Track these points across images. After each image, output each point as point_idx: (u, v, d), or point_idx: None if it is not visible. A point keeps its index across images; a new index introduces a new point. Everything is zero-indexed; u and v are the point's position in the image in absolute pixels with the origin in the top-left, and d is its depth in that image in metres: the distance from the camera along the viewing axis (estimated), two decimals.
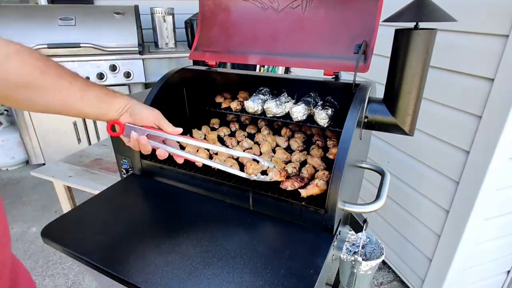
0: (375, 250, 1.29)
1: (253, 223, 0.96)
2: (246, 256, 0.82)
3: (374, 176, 1.19)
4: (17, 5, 2.81)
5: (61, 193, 1.97)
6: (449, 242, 1.50)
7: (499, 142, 1.22)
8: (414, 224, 1.73)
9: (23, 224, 2.43)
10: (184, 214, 1.00)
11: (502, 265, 1.70)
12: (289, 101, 1.23)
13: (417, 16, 0.78)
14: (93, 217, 1.00)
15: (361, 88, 0.99)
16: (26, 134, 2.95)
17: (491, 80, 1.23)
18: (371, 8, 1.00)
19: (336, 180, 0.85)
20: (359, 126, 0.94)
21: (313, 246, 0.86)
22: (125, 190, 1.15)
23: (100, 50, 2.73)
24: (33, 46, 2.55)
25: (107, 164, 2.04)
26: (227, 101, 1.37)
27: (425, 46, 0.84)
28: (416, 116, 0.95)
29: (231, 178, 1.08)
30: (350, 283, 1.27)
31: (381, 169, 1.13)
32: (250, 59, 1.22)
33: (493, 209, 1.43)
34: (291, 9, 1.14)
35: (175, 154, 0.86)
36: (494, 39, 1.20)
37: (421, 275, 1.72)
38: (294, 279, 0.75)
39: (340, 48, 1.06)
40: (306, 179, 1.03)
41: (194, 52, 1.35)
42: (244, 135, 1.36)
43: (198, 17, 1.34)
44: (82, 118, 2.80)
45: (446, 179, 1.49)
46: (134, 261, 0.81)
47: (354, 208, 0.98)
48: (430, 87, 1.24)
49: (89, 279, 1.95)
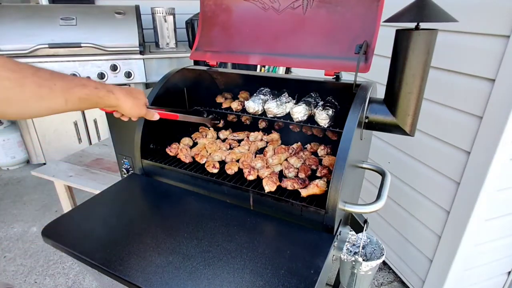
0: (376, 251, 1.29)
1: (253, 223, 0.96)
2: (247, 256, 0.82)
3: (375, 176, 1.19)
4: (18, 5, 2.82)
5: (61, 193, 1.98)
6: (450, 242, 1.50)
7: (500, 143, 1.21)
8: (414, 225, 1.72)
9: (23, 224, 2.43)
10: (185, 214, 1.00)
11: (502, 266, 1.69)
12: (290, 101, 1.23)
13: (418, 17, 0.78)
14: (94, 216, 1.00)
15: (362, 88, 0.99)
16: (27, 134, 2.95)
17: (492, 80, 1.23)
18: (372, 8, 1.00)
19: (337, 180, 0.85)
20: (359, 126, 0.94)
21: (313, 247, 0.86)
22: (125, 190, 1.15)
23: (101, 50, 2.74)
24: (34, 46, 2.56)
25: (108, 163, 2.05)
26: (228, 101, 1.37)
27: (426, 47, 0.84)
28: (417, 116, 0.95)
29: (232, 178, 1.08)
30: (350, 283, 1.27)
31: (381, 169, 1.13)
32: (251, 59, 1.22)
33: (494, 210, 1.43)
34: (292, 10, 1.14)
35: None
36: (495, 40, 1.20)
37: (421, 276, 1.72)
38: (294, 279, 0.75)
39: (340, 48, 1.06)
40: (306, 180, 1.03)
41: (195, 52, 1.35)
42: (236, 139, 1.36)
43: (199, 17, 1.34)
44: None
45: (446, 180, 1.49)
46: (135, 261, 0.81)
47: (355, 209, 0.98)
48: (431, 87, 1.24)
49: (89, 278, 1.96)
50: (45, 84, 0.64)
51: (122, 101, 0.82)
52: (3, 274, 1.98)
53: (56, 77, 0.67)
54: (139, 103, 0.88)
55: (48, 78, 0.65)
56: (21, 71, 0.61)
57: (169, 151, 1.23)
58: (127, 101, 0.83)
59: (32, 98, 0.62)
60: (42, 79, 0.64)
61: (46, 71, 0.65)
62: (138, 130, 1.15)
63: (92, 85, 0.74)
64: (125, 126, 1.23)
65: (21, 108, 0.62)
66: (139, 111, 0.88)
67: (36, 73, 0.63)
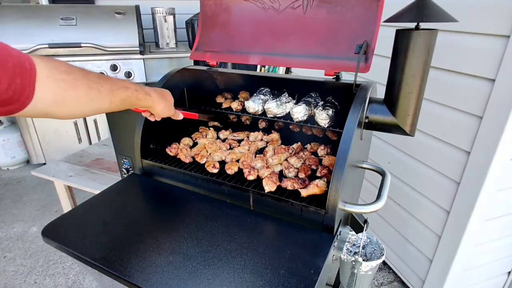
0: (376, 251, 1.29)
1: (253, 223, 0.96)
2: (247, 256, 0.82)
3: (375, 176, 1.19)
4: (18, 5, 2.82)
5: (61, 193, 1.98)
6: (450, 242, 1.50)
7: (500, 143, 1.21)
8: (414, 225, 1.72)
9: (23, 224, 2.43)
10: (185, 214, 1.00)
11: (502, 266, 1.69)
12: (290, 101, 1.23)
13: (418, 17, 0.78)
14: (94, 216, 1.00)
15: (362, 88, 0.99)
16: (27, 134, 2.95)
17: (492, 80, 1.23)
18: (372, 8, 1.00)
19: (337, 180, 0.85)
20: (359, 126, 0.94)
21: (313, 247, 0.86)
22: (125, 190, 1.15)
23: (101, 50, 2.73)
24: (34, 46, 2.56)
25: (108, 163, 2.05)
26: (228, 101, 1.37)
27: (426, 47, 0.84)
28: (417, 116, 0.95)
29: (232, 178, 1.08)
30: (350, 283, 1.27)
31: (381, 169, 1.13)
32: (251, 59, 1.22)
33: (494, 210, 1.43)
34: (292, 10, 1.14)
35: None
36: (495, 40, 1.20)
37: (421, 276, 1.72)
38: (294, 279, 0.75)
39: (341, 48, 1.06)
40: (306, 180, 1.03)
41: (195, 52, 1.35)
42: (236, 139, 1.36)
43: (199, 17, 1.34)
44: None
45: (446, 180, 1.49)
46: (135, 260, 0.81)
47: (355, 209, 0.98)
48: (431, 87, 1.24)
49: (89, 278, 1.96)
50: (94, 86, 0.67)
51: (157, 102, 0.87)
52: (3, 274, 1.98)
53: (103, 79, 0.70)
54: (169, 105, 0.93)
55: (97, 81, 0.68)
56: (74, 73, 0.63)
57: (169, 151, 1.23)
58: (161, 102, 0.88)
59: (83, 99, 0.65)
60: (92, 81, 0.67)
61: (94, 74, 0.69)
62: (138, 130, 1.15)
63: (132, 87, 0.78)
64: (125, 126, 1.23)
65: (73, 108, 0.64)
66: (168, 112, 0.93)
67: (86, 75, 0.66)
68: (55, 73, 0.60)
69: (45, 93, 0.58)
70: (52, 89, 0.59)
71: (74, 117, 0.69)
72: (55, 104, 0.61)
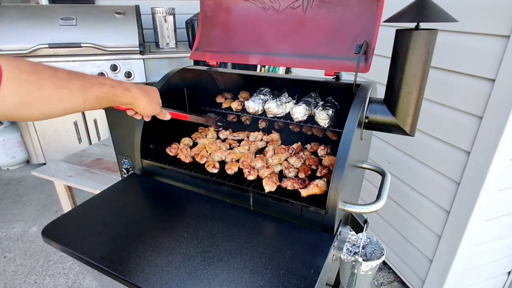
0: (376, 251, 1.29)
1: (253, 223, 0.96)
2: (247, 256, 0.82)
3: (375, 176, 1.19)
4: (18, 5, 2.81)
5: (61, 193, 1.98)
6: (450, 242, 1.50)
7: (500, 143, 1.21)
8: (414, 225, 1.72)
9: (23, 224, 2.43)
10: (185, 214, 1.00)
11: (502, 266, 1.69)
12: (290, 101, 1.23)
13: (418, 17, 0.78)
14: (94, 216, 1.00)
15: (362, 88, 0.99)
16: (27, 134, 2.95)
17: (492, 80, 1.23)
18: (372, 8, 1.00)
19: (337, 180, 0.85)
20: (359, 126, 0.94)
21: (313, 247, 0.86)
22: (125, 190, 1.15)
23: (101, 50, 2.73)
24: (34, 46, 2.56)
25: (108, 163, 2.05)
26: (228, 101, 1.37)
27: (426, 47, 0.84)
28: (417, 116, 0.95)
29: (232, 178, 1.08)
30: (350, 283, 1.27)
31: (381, 169, 1.13)
32: (251, 59, 1.22)
33: (494, 210, 1.43)
34: (292, 10, 1.14)
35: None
36: (495, 40, 1.20)
37: (421, 276, 1.72)
38: (294, 279, 0.75)
39: (341, 48, 1.06)
40: (306, 180, 1.03)
41: (195, 52, 1.35)
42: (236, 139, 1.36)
43: (199, 17, 1.34)
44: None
45: (446, 180, 1.49)
46: (135, 260, 0.81)
47: (355, 209, 0.98)
48: (431, 87, 1.24)
49: (89, 278, 1.95)
50: (64, 85, 0.63)
51: (138, 99, 0.82)
52: (3, 274, 1.98)
53: (74, 76, 0.66)
54: (154, 102, 0.88)
55: (66, 78, 0.64)
56: (39, 73, 0.59)
57: (169, 151, 1.23)
58: (143, 99, 0.83)
59: (52, 100, 0.61)
60: (61, 79, 0.63)
61: (63, 71, 0.64)
62: (138, 130, 1.15)
63: (108, 83, 0.73)
64: (125, 126, 1.23)
65: (41, 110, 0.61)
66: (153, 110, 0.88)
67: (54, 73, 0.62)
68: (19, 74, 0.56)
69: (8, 95, 0.54)
70: (15, 91, 0.55)
71: (46, 118, 0.64)
72: (20, 106, 0.57)
